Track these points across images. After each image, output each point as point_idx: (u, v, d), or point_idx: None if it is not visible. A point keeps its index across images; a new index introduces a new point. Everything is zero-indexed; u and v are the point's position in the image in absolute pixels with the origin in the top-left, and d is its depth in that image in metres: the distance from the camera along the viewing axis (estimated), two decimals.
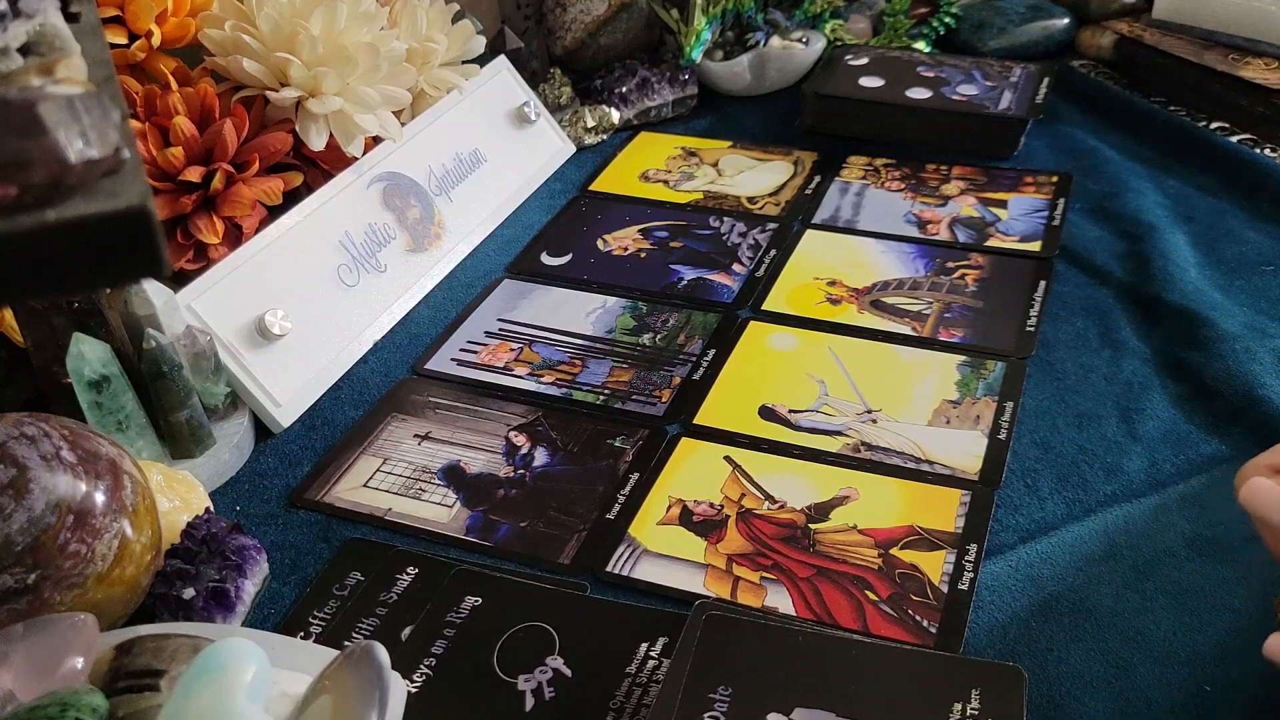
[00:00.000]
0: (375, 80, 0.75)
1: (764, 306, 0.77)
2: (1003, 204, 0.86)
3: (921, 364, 0.70)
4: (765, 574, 0.56)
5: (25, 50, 0.32)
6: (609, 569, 0.57)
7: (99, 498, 0.49)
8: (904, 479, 0.61)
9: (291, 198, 0.75)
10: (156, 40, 0.74)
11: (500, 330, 0.76)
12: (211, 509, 0.59)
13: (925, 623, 0.53)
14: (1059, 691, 0.49)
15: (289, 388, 0.70)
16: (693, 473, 0.63)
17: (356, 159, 0.78)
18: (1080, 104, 1.00)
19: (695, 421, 0.67)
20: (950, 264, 0.80)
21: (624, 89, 1.01)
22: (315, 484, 0.64)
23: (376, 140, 0.81)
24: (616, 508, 0.61)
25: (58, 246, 0.28)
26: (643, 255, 0.83)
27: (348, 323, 0.75)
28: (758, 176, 0.93)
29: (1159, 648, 0.51)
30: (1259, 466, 0.46)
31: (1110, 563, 0.55)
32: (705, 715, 0.45)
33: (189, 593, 0.53)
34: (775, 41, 1.04)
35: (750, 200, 0.90)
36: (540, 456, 0.65)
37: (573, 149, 0.98)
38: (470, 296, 0.80)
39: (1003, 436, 0.64)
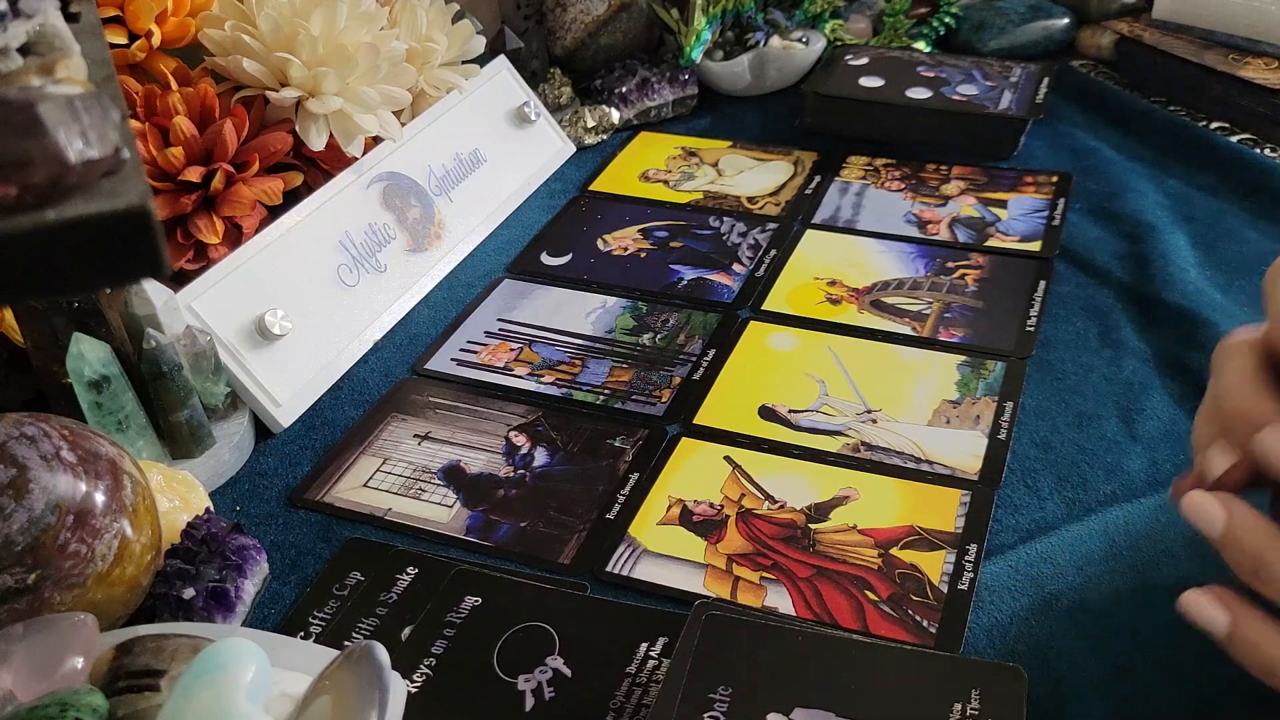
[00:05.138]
0: (375, 80, 0.75)
1: (764, 306, 0.77)
2: (1003, 204, 0.86)
3: (921, 364, 0.70)
4: (765, 574, 0.56)
5: (25, 50, 0.32)
6: (609, 569, 0.57)
7: (99, 498, 0.49)
8: (904, 479, 0.61)
9: (291, 198, 0.75)
10: (156, 40, 0.74)
11: (500, 330, 0.76)
12: (211, 509, 0.59)
13: (925, 623, 0.53)
14: (1059, 691, 0.49)
15: (289, 388, 0.70)
16: (693, 473, 0.63)
17: (356, 159, 0.78)
18: (1080, 104, 1.00)
19: (695, 421, 0.67)
20: (950, 264, 0.80)
21: (624, 89, 1.01)
22: (315, 484, 0.64)
23: (376, 140, 0.81)
24: (616, 508, 0.61)
25: (58, 246, 0.28)
26: (643, 255, 0.83)
27: (348, 323, 0.75)
28: (758, 176, 0.93)
29: (1159, 648, 0.51)
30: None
31: (1110, 563, 0.55)
32: (705, 715, 0.45)
33: (189, 593, 0.53)
34: (775, 41, 1.04)
35: (750, 200, 0.90)
36: (540, 456, 0.65)
37: (573, 149, 0.98)
38: (470, 296, 0.80)
39: (1003, 436, 0.64)
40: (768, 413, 0.67)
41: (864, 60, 1.00)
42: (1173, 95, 0.98)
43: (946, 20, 1.10)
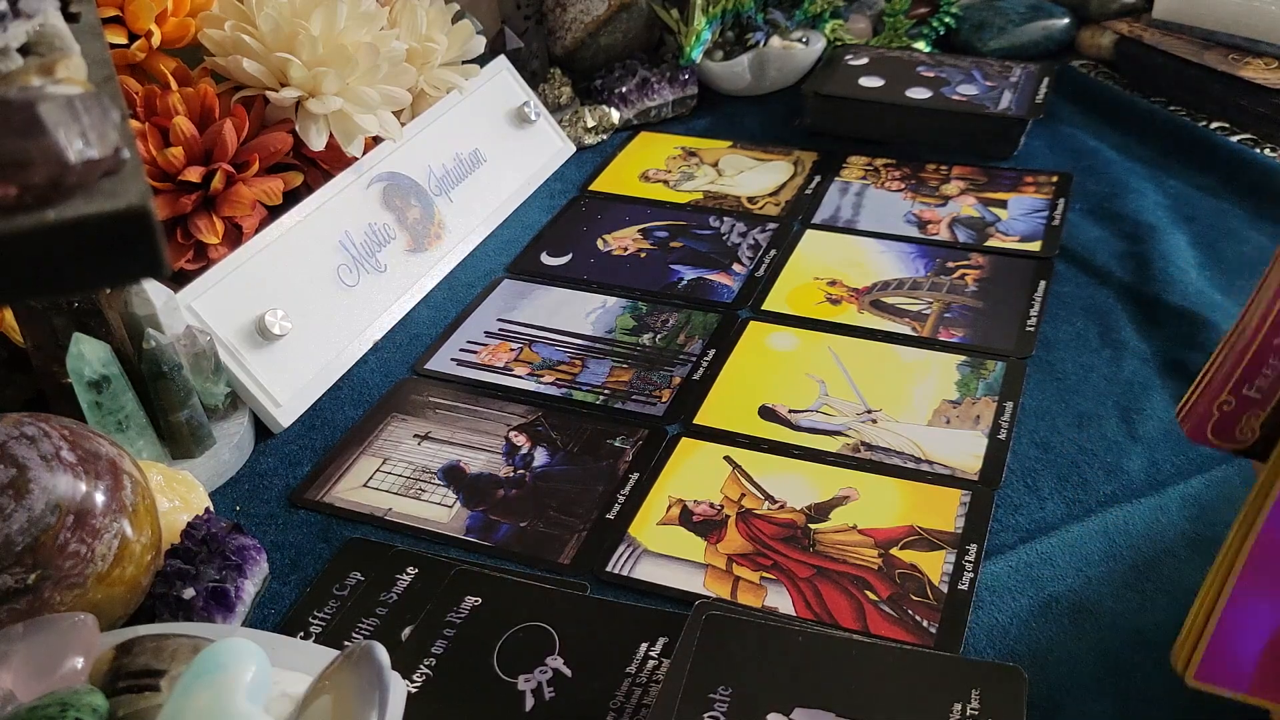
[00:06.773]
0: (375, 80, 0.75)
1: (764, 306, 0.77)
2: (1003, 204, 0.86)
3: (921, 364, 0.70)
4: (765, 574, 0.56)
5: (25, 50, 0.32)
6: (609, 569, 0.57)
7: (99, 498, 0.49)
8: (904, 479, 0.61)
9: (291, 198, 0.75)
10: (156, 40, 0.74)
11: (500, 330, 0.76)
12: (211, 509, 0.59)
13: (925, 623, 0.53)
14: (1059, 691, 0.49)
15: (289, 388, 0.70)
16: (693, 473, 0.63)
17: (356, 159, 0.78)
18: (1080, 104, 1.00)
19: (695, 421, 0.67)
20: (950, 264, 0.80)
21: (624, 89, 1.01)
22: (315, 484, 0.64)
23: (376, 140, 0.81)
24: (616, 508, 0.61)
25: (58, 246, 0.28)
26: (643, 255, 0.83)
27: (348, 323, 0.75)
28: (758, 176, 0.93)
29: (1159, 648, 0.51)
30: None
31: (1110, 563, 0.55)
32: (705, 715, 0.45)
33: (189, 593, 0.53)
34: (775, 41, 1.04)
35: (750, 200, 0.90)
36: (540, 456, 0.65)
37: (573, 149, 0.98)
38: (470, 296, 0.80)
39: (1003, 436, 0.64)
40: (768, 413, 0.67)
41: (864, 60, 1.00)
42: (1173, 95, 0.98)
43: (946, 20, 1.10)
